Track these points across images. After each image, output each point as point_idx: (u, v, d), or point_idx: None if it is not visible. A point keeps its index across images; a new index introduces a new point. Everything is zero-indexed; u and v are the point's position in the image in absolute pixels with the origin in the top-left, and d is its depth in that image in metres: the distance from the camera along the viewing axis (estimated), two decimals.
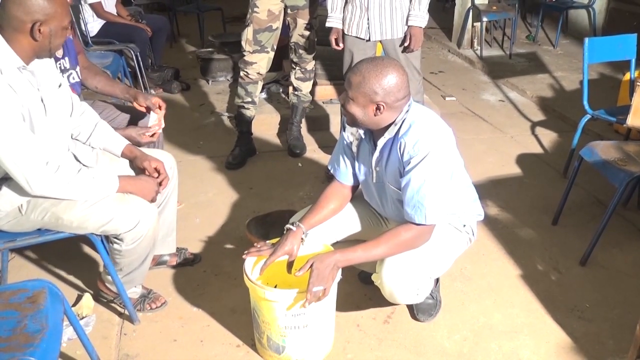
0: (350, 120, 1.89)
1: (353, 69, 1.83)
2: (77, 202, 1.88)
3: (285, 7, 3.24)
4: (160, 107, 2.40)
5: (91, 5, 4.46)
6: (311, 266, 1.80)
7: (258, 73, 3.32)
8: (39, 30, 1.74)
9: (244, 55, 3.28)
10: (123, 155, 2.15)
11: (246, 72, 3.32)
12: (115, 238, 1.96)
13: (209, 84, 4.97)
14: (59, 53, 2.43)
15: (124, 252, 1.99)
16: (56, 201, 1.87)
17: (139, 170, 2.13)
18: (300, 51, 3.38)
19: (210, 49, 5.18)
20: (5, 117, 1.69)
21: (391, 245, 1.83)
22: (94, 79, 2.61)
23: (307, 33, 3.31)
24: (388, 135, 1.86)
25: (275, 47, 3.30)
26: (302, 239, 1.98)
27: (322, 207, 2.05)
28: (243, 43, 3.27)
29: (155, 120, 2.41)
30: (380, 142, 1.88)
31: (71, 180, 1.83)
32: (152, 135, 2.37)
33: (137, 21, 4.85)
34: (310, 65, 3.49)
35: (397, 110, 1.83)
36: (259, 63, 3.28)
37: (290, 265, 1.97)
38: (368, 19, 2.91)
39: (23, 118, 1.75)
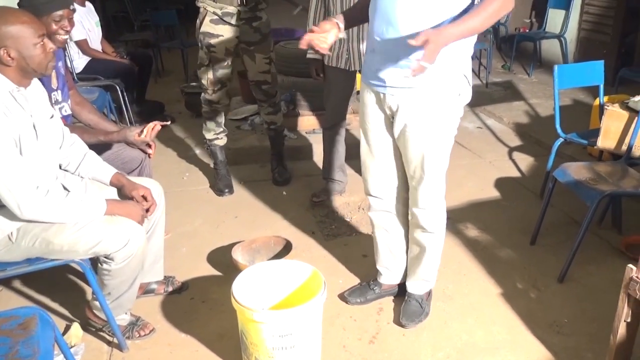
0: None
1: None
2: (66, 226, 1.93)
3: (240, 42, 3.31)
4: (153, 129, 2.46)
5: (77, 42, 4.55)
6: (427, 41, 1.71)
7: (224, 105, 3.46)
8: (8, 55, 1.80)
9: (207, 94, 3.39)
10: (111, 183, 2.21)
11: (213, 107, 3.44)
12: (106, 257, 2.00)
13: (193, 117, 5.06)
14: (54, 84, 2.49)
15: (113, 272, 2.03)
16: (46, 226, 1.92)
17: (127, 198, 2.19)
18: (264, 87, 3.44)
19: (194, 84, 5.27)
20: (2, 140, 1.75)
21: (487, 15, 1.82)
22: (87, 115, 2.67)
23: (267, 67, 3.39)
24: None
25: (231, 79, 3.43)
26: (337, 24, 2.05)
27: (353, 10, 2.18)
28: (205, 82, 3.37)
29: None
30: None
31: (60, 203, 1.88)
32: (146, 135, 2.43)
33: (121, 57, 4.95)
34: (277, 96, 3.58)
35: None
36: (222, 98, 3.42)
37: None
38: (348, 50, 3.02)
39: (15, 143, 1.81)
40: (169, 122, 2.49)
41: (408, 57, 1.91)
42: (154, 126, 2.45)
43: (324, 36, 2.00)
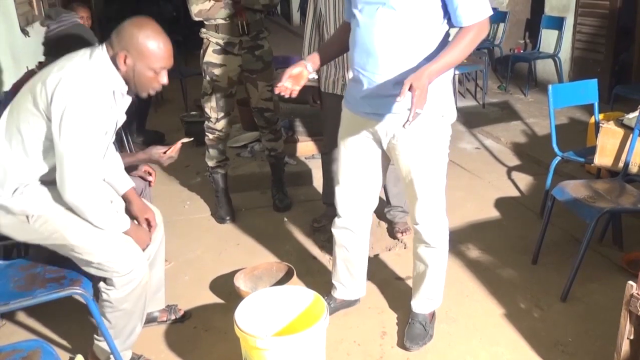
0: None
1: None
2: (88, 233, 1.96)
3: (243, 71, 3.37)
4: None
5: None
6: (410, 87, 1.78)
7: (226, 133, 3.51)
8: (124, 60, 1.88)
9: (210, 122, 3.43)
10: (124, 195, 2.24)
11: (216, 135, 3.47)
12: (106, 286, 2.02)
13: (193, 146, 5.09)
14: None
15: (114, 302, 2.03)
16: (69, 223, 1.95)
17: (131, 216, 2.22)
18: (267, 114, 3.50)
19: (194, 113, 5.33)
20: (97, 127, 1.87)
21: (464, 46, 1.90)
22: None
23: (269, 95, 3.45)
24: None
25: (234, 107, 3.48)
26: (305, 65, 2.15)
27: (328, 45, 2.27)
28: (208, 111, 3.42)
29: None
30: None
31: (101, 204, 1.95)
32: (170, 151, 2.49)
33: None
34: (278, 123, 3.63)
35: None
36: (225, 126, 3.46)
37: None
38: (343, 77, 3.06)
39: (105, 133, 1.94)
40: (191, 139, 2.56)
41: (390, 86, 1.97)
42: (177, 144, 2.50)
43: (295, 81, 2.14)
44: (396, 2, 1.90)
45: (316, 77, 2.22)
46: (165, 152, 2.48)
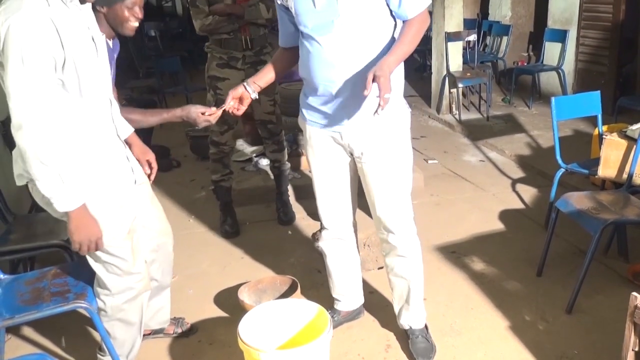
0: None
1: None
2: (110, 234, 1.92)
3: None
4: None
5: None
6: (374, 79, 1.81)
7: (230, 147, 3.53)
8: None
9: (215, 136, 3.45)
10: (126, 141, 2.19)
11: (220, 149, 3.49)
12: (101, 290, 2.03)
13: (198, 160, 5.12)
14: None
15: (109, 310, 2.05)
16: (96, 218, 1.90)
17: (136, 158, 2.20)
18: (269, 126, 3.54)
19: (198, 127, 5.36)
20: (33, 58, 1.61)
21: (412, 37, 1.98)
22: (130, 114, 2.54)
23: (272, 108, 3.49)
24: None
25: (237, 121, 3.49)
26: (244, 87, 2.23)
27: (268, 70, 2.30)
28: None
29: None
30: None
31: (50, 161, 1.69)
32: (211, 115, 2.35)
33: (129, 103, 5.05)
34: (282, 135, 3.66)
35: None
36: (229, 140, 3.49)
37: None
38: None
39: (55, 65, 1.67)
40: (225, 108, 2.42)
41: (358, 94, 1.97)
42: (218, 111, 2.32)
43: (237, 102, 2.23)
44: (348, 12, 1.96)
45: (257, 96, 2.26)
46: (204, 113, 2.30)
